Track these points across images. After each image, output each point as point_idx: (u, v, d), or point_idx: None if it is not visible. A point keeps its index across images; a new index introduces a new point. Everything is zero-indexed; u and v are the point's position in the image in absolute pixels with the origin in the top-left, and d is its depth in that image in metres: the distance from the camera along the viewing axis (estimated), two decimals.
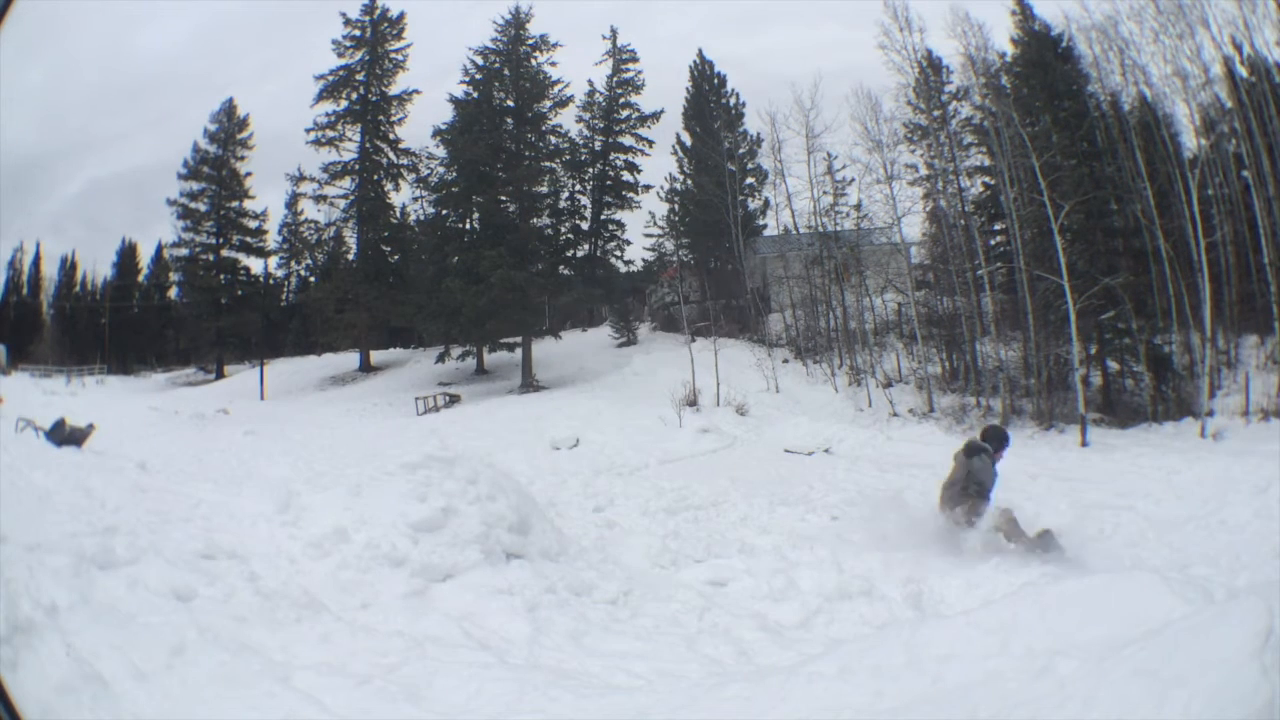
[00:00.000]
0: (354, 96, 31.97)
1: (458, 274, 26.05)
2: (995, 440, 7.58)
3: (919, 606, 6.66)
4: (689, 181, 31.14)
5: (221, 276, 33.70)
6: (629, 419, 18.30)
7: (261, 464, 14.35)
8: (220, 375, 32.98)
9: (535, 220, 28.04)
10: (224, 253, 33.92)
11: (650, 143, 30.91)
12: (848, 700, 3.15)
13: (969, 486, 7.11)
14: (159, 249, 38.52)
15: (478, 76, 28.83)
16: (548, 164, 28.69)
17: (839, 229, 25.01)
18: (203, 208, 33.71)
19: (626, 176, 30.84)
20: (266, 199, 45.57)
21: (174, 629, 4.04)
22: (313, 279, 34.26)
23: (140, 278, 40.72)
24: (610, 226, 30.67)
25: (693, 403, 19.44)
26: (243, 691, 3.63)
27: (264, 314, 32.79)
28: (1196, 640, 2.45)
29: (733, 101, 31.32)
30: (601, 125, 30.80)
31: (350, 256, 32.78)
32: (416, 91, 32.50)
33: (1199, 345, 17.21)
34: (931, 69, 23.09)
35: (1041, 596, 3.63)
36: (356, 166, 31.90)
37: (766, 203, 30.11)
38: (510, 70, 28.80)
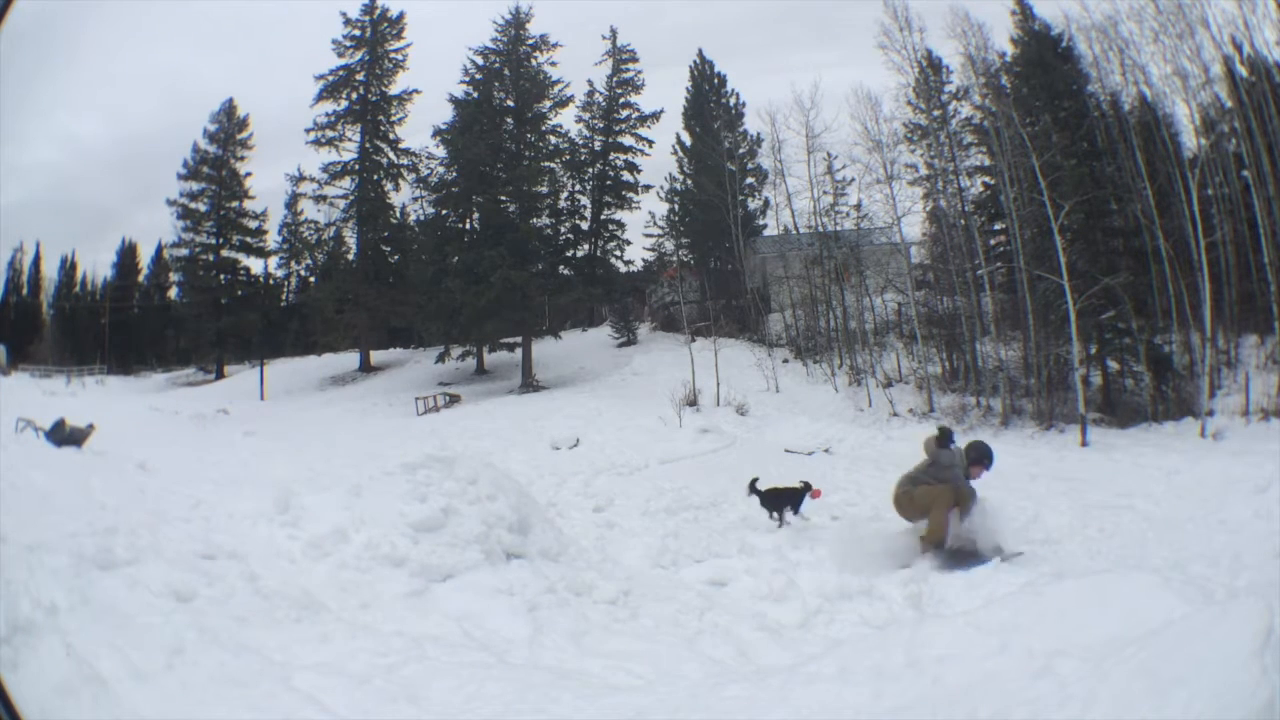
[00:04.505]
0: (354, 96, 31.94)
1: (458, 274, 26.04)
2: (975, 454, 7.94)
3: (919, 606, 6.67)
4: (689, 181, 31.12)
5: (221, 276, 33.67)
6: (629, 419, 18.29)
7: (261, 464, 14.34)
8: (220, 375, 32.96)
9: (535, 220, 28.00)
10: (224, 253, 33.88)
11: (650, 143, 30.91)
12: (848, 700, 3.15)
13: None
14: (159, 249, 38.56)
15: (478, 76, 28.83)
16: (548, 164, 28.66)
17: (839, 229, 25.01)
18: (203, 208, 33.70)
19: (626, 176, 30.81)
20: (266, 199, 45.50)
21: (174, 629, 4.04)
22: (313, 279, 34.20)
23: (140, 278, 40.73)
24: (610, 226, 30.65)
25: (693, 403, 19.43)
26: (243, 692, 3.63)
27: (264, 314, 32.74)
28: (1196, 640, 2.45)
29: (733, 101, 31.31)
30: (601, 125, 30.78)
31: (350, 256, 32.74)
32: (416, 91, 32.48)
33: (1199, 345, 17.20)
34: (931, 69, 23.08)
35: (1041, 596, 3.64)
36: (356, 166, 31.87)
37: (766, 203, 30.12)
38: (510, 70, 28.80)
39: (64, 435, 12.14)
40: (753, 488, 9.93)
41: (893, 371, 21.74)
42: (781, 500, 9.72)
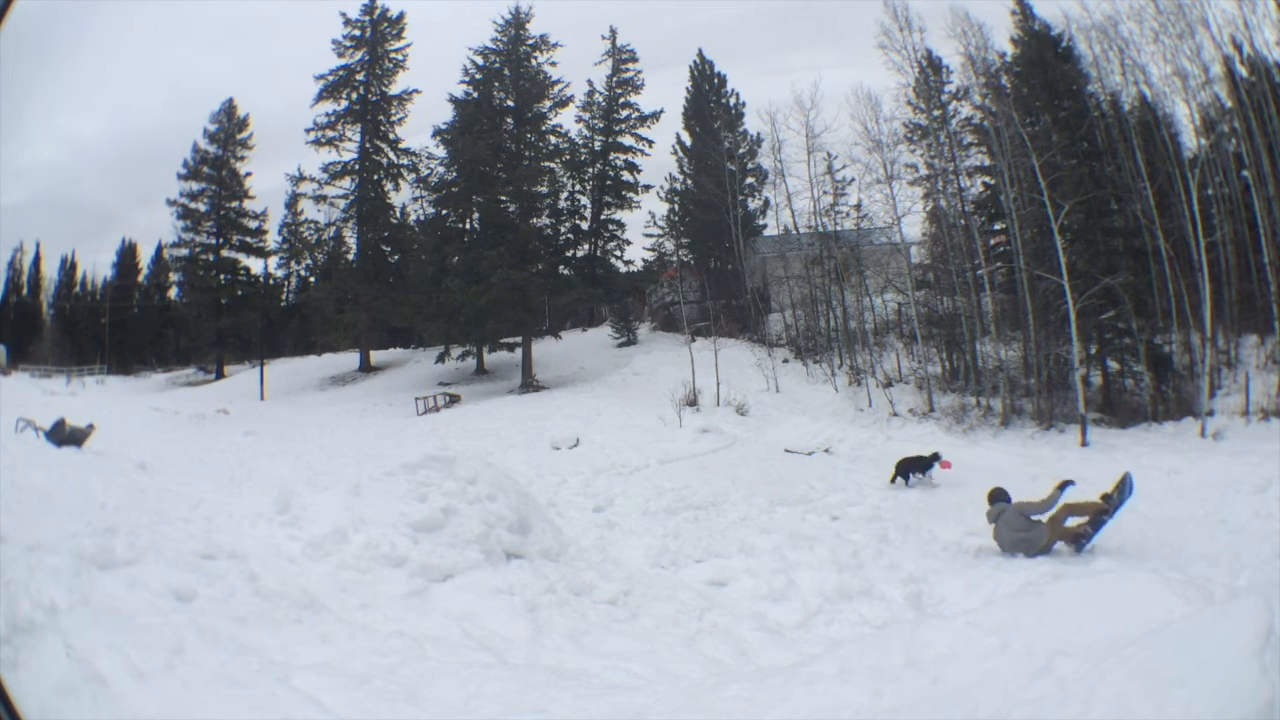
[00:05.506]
0: (354, 96, 31.98)
1: (458, 274, 26.06)
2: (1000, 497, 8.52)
3: (919, 606, 6.67)
4: (689, 181, 31.15)
5: (221, 276, 33.70)
6: (629, 419, 18.27)
7: (261, 464, 14.34)
8: (220, 375, 32.97)
9: (535, 220, 28.03)
10: (224, 253, 33.92)
11: (650, 143, 30.94)
12: (848, 700, 3.15)
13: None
14: (159, 249, 38.60)
15: (478, 76, 28.83)
16: (548, 164, 28.67)
17: (839, 229, 25.01)
18: (203, 208, 33.72)
19: (626, 176, 30.83)
20: (266, 199, 45.59)
21: (174, 629, 4.04)
22: (313, 279, 34.25)
23: (140, 278, 40.76)
24: (610, 226, 30.67)
25: (693, 403, 19.42)
26: (243, 691, 3.63)
27: (264, 314, 32.76)
28: (1196, 640, 2.45)
29: (733, 101, 31.35)
30: (601, 125, 30.79)
31: (350, 256, 32.78)
32: (416, 91, 32.56)
33: (1199, 345, 17.20)
34: (931, 69, 23.09)
35: (1041, 596, 3.64)
36: (356, 166, 31.90)
37: (766, 203, 30.17)
38: (510, 70, 28.80)
39: (64, 435, 12.15)
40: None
41: (893, 371, 21.74)
42: (914, 465, 11.96)
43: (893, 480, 12.07)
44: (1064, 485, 8.08)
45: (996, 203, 21.46)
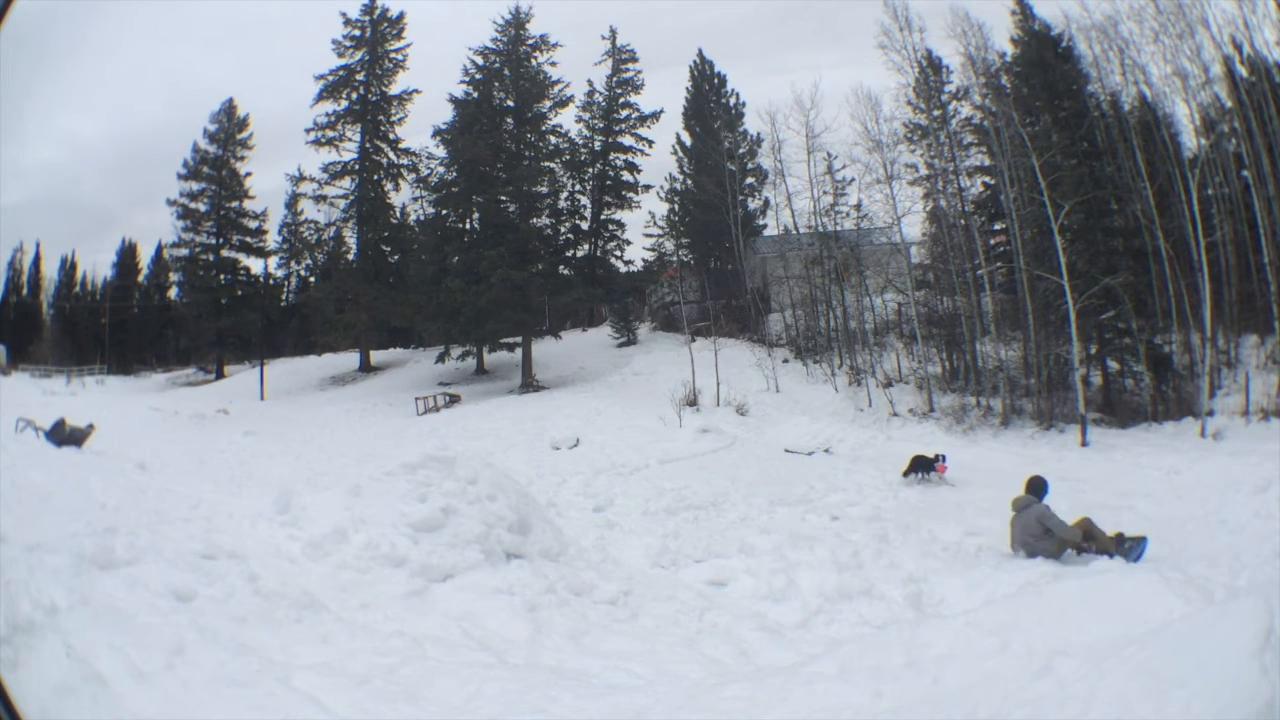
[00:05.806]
0: (354, 96, 32.00)
1: (458, 274, 26.07)
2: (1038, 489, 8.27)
3: (919, 606, 6.67)
4: (689, 181, 31.17)
5: (221, 276, 33.72)
6: (629, 419, 18.27)
7: (261, 464, 14.33)
8: (220, 375, 32.98)
9: (535, 220, 28.04)
10: (224, 253, 33.94)
11: (650, 143, 30.95)
12: (848, 700, 3.15)
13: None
14: (159, 249, 38.64)
15: (478, 76, 28.84)
16: (547, 164, 28.68)
17: (839, 229, 25.02)
18: (203, 208, 33.74)
19: (626, 176, 30.84)
20: (266, 199, 45.63)
21: (174, 629, 4.03)
22: (313, 279, 34.27)
23: (140, 278, 40.80)
24: (610, 226, 30.68)
25: (693, 403, 19.42)
26: (243, 691, 3.63)
27: (264, 314, 32.78)
28: (1196, 640, 2.45)
29: (733, 101, 31.37)
30: (601, 125, 30.80)
31: (350, 256, 32.80)
32: (416, 91, 32.60)
33: (1199, 345, 17.21)
34: (931, 69, 23.10)
35: (1041, 597, 3.64)
36: (356, 166, 31.92)
37: (766, 203, 30.19)
38: (510, 70, 28.81)
39: (64, 435, 12.13)
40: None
41: (893, 371, 21.74)
42: (921, 465, 12.47)
43: (907, 474, 12.56)
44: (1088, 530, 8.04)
45: (996, 203, 21.47)
